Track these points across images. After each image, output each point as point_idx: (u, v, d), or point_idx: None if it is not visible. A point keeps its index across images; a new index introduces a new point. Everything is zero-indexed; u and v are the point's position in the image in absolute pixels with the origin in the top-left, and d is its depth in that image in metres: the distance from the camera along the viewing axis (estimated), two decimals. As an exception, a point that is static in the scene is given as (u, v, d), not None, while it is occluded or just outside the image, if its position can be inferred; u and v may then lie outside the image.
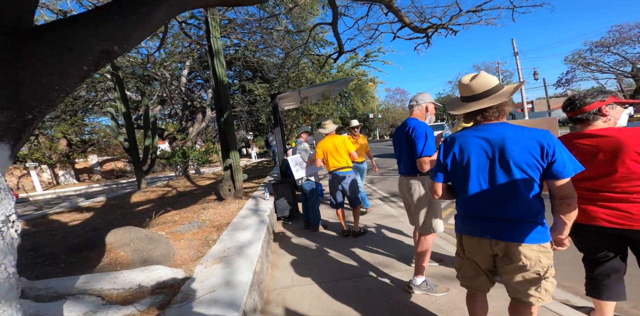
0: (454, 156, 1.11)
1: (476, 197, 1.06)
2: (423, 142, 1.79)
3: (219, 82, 4.17)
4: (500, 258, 1.06)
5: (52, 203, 11.02)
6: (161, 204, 4.72)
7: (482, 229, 1.06)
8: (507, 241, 1.00)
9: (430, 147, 1.79)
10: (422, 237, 1.98)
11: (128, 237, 1.91)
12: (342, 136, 3.20)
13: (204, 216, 3.39)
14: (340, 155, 3.08)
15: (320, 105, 11.83)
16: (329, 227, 3.71)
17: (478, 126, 1.08)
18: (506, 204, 1.00)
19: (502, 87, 1.04)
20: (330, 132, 3.24)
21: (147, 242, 1.93)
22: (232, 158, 4.06)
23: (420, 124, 1.89)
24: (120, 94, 6.61)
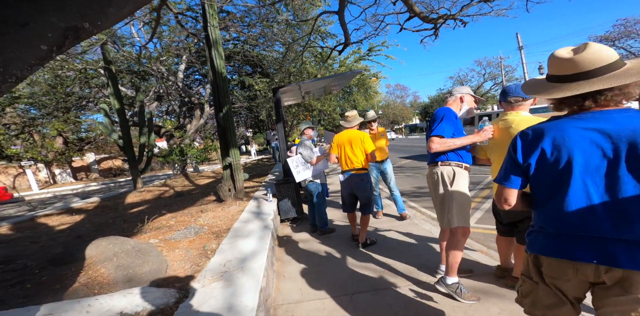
0: (542, 153, 0.82)
1: (580, 210, 0.77)
2: (437, 123, 1.74)
3: (217, 75, 3.85)
4: (608, 287, 0.78)
5: (47, 202, 10.74)
6: (157, 205, 4.45)
7: (587, 253, 0.78)
8: (630, 268, 0.72)
9: (444, 128, 1.72)
10: (453, 231, 1.78)
11: (112, 250, 1.63)
12: (363, 132, 2.87)
13: (202, 220, 3.11)
14: (355, 154, 2.76)
15: (322, 100, 11.49)
16: (338, 230, 3.45)
17: (584, 114, 0.78)
18: (635, 221, 0.71)
19: (623, 63, 0.75)
20: (353, 127, 2.90)
21: (134, 256, 1.65)
22: (232, 156, 3.76)
23: (442, 108, 1.83)
24: (113, 89, 6.29)
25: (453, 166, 1.77)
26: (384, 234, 3.14)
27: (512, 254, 1.95)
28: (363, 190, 2.76)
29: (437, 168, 1.81)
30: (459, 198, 1.74)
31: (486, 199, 4.26)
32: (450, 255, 1.77)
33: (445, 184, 1.76)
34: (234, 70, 11.83)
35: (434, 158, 1.83)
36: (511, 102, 1.59)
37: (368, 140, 2.77)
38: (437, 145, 1.68)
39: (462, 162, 1.78)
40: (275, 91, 4.66)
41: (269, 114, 11.16)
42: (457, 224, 1.73)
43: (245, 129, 20.45)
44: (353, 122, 2.92)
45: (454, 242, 1.76)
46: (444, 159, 1.78)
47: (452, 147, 1.69)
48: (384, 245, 2.85)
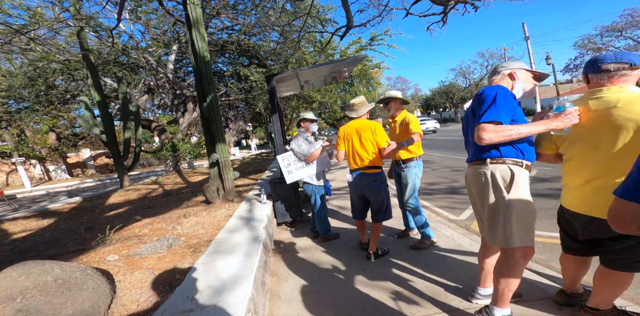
0: None
1: None
2: (488, 104, 1.23)
3: (199, 59, 3.30)
4: None
5: (37, 200, 10.33)
6: (138, 207, 3.97)
7: None
8: None
9: (500, 112, 1.20)
10: (510, 252, 1.28)
11: (21, 284, 1.14)
12: (374, 121, 2.33)
13: (182, 228, 2.63)
14: (365, 149, 2.23)
15: (323, 92, 10.88)
16: (344, 235, 2.97)
17: None
18: None
19: None
20: (361, 117, 2.37)
21: (54, 292, 1.17)
22: (220, 152, 3.26)
23: (492, 86, 1.31)
24: (93, 80, 5.73)
25: (509, 165, 1.25)
26: (397, 242, 2.66)
27: (582, 278, 1.47)
28: (376, 193, 2.26)
29: (485, 167, 1.29)
30: (520, 208, 1.23)
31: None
32: (503, 282, 1.29)
33: (499, 189, 1.25)
34: (229, 61, 11.19)
35: (481, 152, 1.31)
36: (609, 71, 1.05)
37: (381, 131, 2.23)
38: (492, 134, 1.16)
39: (522, 159, 1.27)
40: (270, 79, 4.11)
41: (267, 107, 10.59)
42: (519, 243, 1.23)
43: (245, 123, 19.88)
44: (361, 110, 2.38)
45: (509, 265, 1.27)
46: (497, 154, 1.26)
47: (513, 137, 1.16)
48: (399, 255, 2.37)
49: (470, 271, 2.00)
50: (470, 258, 2.18)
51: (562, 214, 1.35)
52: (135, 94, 9.49)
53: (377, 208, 2.31)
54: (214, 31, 9.28)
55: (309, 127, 2.84)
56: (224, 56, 10.64)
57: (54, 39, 8.44)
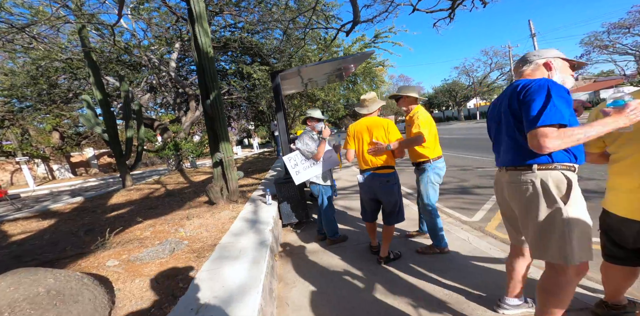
0: None
1: None
2: (543, 103, 1.00)
3: (202, 55, 3.18)
4: None
5: (40, 200, 10.34)
6: (140, 208, 3.88)
7: None
8: None
9: (560, 112, 0.98)
10: (562, 268, 1.10)
11: (10, 296, 1.03)
12: (386, 118, 2.20)
13: (185, 230, 2.52)
14: None
15: (326, 90, 10.72)
16: (352, 237, 2.86)
17: None
18: None
19: None
20: (372, 113, 2.24)
21: (46, 304, 1.06)
22: (223, 151, 3.14)
23: (539, 80, 1.09)
24: (94, 79, 5.65)
25: (562, 171, 1.07)
26: (410, 244, 2.54)
27: (627, 289, 1.33)
28: (389, 194, 2.13)
29: (531, 175, 1.10)
30: (580, 220, 1.06)
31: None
32: (551, 302, 1.12)
33: (553, 200, 1.06)
34: (232, 59, 11.07)
35: (524, 157, 1.11)
36: None
37: (394, 129, 2.10)
38: (557, 142, 0.95)
39: (574, 163, 1.09)
40: (275, 76, 3.99)
41: (270, 105, 10.46)
42: (579, 260, 1.06)
43: (247, 122, 19.80)
44: (372, 107, 2.25)
45: (560, 284, 1.10)
46: (547, 160, 1.08)
47: (580, 142, 0.97)
48: (412, 260, 2.25)
49: (492, 277, 1.88)
50: (491, 264, 2.05)
51: (606, 220, 1.21)
52: (138, 92, 9.41)
53: (389, 209, 2.19)
54: (217, 29, 9.17)
55: (315, 126, 2.72)
56: (227, 54, 10.52)
57: (57, 38, 8.39)
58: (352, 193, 4.66)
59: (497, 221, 3.04)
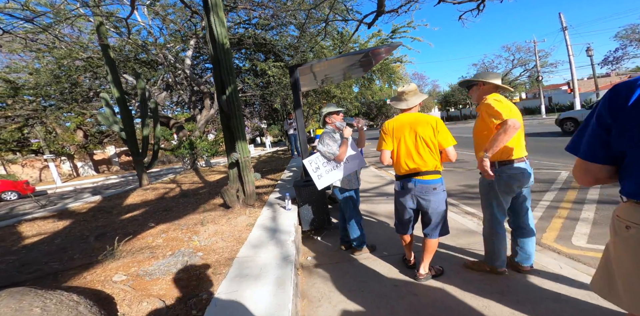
0: None
1: None
2: None
3: (218, 46, 2.95)
4: None
5: (65, 197, 10.71)
6: (155, 209, 3.74)
7: None
8: None
9: None
10: None
11: None
12: (434, 116, 1.85)
13: (198, 239, 2.30)
14: (423, 149, 1.77)
15: (342, 87, 10.36)
16: (379, 247, 2.56)
17: None
18: None
19: None
20: (412, 109, 1.91)
21: None
22: (240, 150, 2.91)
23: None
24: (112, 76, 5.61)
25: None
26: (453, 257, 2.19)
27: None
28: (435, 204, 1.80)
29: None
30: None
31: (579, 205, 3.15)
32: None
33: None
34: (246, 57, 10.95)
35: None
36: None
37: (444, 129, 1.76)
38: None
39: None
40: (293, 70, 3.72)
41: (284, 103, 10.23)
42: None
43: (260, 121, 19.78)
44: (412, 100, 1.90)
45: None
46: None
47: None
48: (459, 277, 1.91)
49: (570, 305, 1.50)
50: (567, 287, 1.66)
51: None
52: (155, 91, 9.47)
53: (434, 221, 1.86)
54: (231, 25, 9.04)
55: (336, 123, 2.40)
56: (240, 51, 10.40)
57: (80, 38, 8.55)
58: (375, 196, 4.32)
59: (554, 231, 2.62)
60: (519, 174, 1.68)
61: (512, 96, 38.35)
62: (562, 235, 2.54)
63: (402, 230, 2.04)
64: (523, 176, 1.69)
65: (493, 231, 1.82)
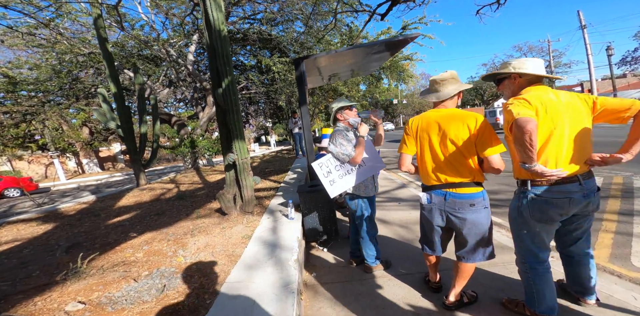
0: None
1: None
2: None
3: (214, 33, 2.60)
4: None
5: (67, 194, 10.57)
6: (147, 213, 3.43)
7: None
8: None
9: None
10: None
11: None
12: (475, 112, 1.45)
13: (184, 254, 1.95)
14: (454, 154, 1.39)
15: (349, 84, 9.95)
16: (395, 264, 2.20)
17: None
18: None
19: None
20: (444, 102, 1.50)
21: None
22: (237, 151, 2.56)
23: None
24: (109, 71, 5.34)
25: None
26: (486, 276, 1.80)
27: None
28: (473, 224, 1.41)
29: None
30: None
31: (627, 217, 2.71)
32: None
33: None
34: (251, 53, 10.65)
35: None
36: None
37: (487, 129, 1.33)
38: None
39: None
40: (299, 63, 3.37)
41: (289, 101, 9.89)
42: None
43: (265, 119, 19.52)
44: (445, 91, 1.48)
45: None
46: None
47: None
48: (500, 309, 1.53)
49: None
50: None
51: None
52: (157, 87, 9.23)
53: (471, 244, 1.47)
54: (236, 20, 8.74)
55: (348, 120, 2.02)
56: (245, 48, 10.09)
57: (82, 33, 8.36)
58: (385, 201, 3.93)
59: (605, 248, 2.20)
60: (560, 200, 1.20)
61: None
62: (617, 254, 2.13)
63: (430, 250, 1.66)
64: (569, 203, 1.20)
65: (527, 267, 1.38)
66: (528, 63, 1.29)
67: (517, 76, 1.31)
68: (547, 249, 1.34)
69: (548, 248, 1.35)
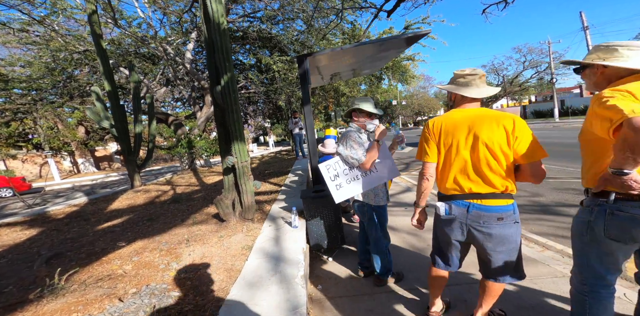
0: None
1: None
2: None
3: (212, 26, 2.42)
4: None
5: (60, 195, 10.30)
6: (139, 217, 3.23)
7: None
8: None
9: None
10: None
11: None
12: (509, 113, 1.22)
13: (178, 267, 1.77)
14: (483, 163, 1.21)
15: (351, 84, 9.79)
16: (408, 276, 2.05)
17: None
18: None
19: None
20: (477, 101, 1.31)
21: None
22: (237, 153, 2.38)
23: None
24: (104, 69, 5.13)
25: None
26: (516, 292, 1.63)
27: None
28: (501, 240, 1.24)
29: None
30: None
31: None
32: None
33: None
34: (251, 52, 10.47)
35: None
36: None
37: (525, 132, 1.15)
38: None
39: None
40: (302, 60, 3.20)
41: (289, 101, 9.70)
42: None
43: (264, 119, 19.31)
44: (485, 89, 1.29)
45: None
46: None
47: None
48: None
49: None
50: None
51: None
52: (154, 86, 9.02)
53: (501, 262, 1.30)
54: (235, 18, 8.55)
55: (365, 124, 1.84)
56: (245, 46, 9.90)
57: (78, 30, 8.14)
58: (393, 206, 3.76)
59: None
60: None
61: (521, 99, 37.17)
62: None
63: (443, 265, 1.47)
64: None
65: (587, 289, 1.16)
66: (618, 52, 1.03)
67: (603, 67, 1.06)
68: (617, 271, 1.14)
69: (620, 269, 1.13)
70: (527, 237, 2.58)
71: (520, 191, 3.99)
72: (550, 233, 2.63)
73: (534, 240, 2.51)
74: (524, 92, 33.04)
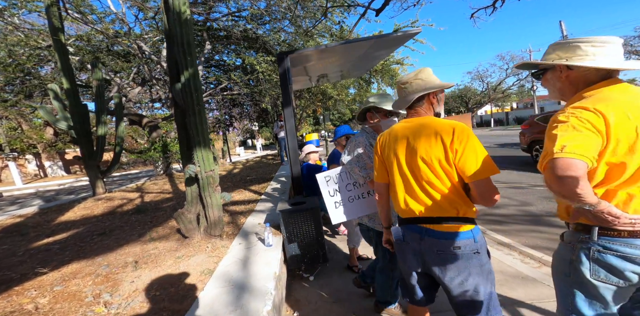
0: None
1: None
2: None
3: (172, 16, 2.09)
4: None
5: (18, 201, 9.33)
6: (89, 232, 2.78)
7: None
8: None
9: None
10: None
11: None
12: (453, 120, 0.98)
13: (112, 299, 1.40)
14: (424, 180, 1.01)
15: (339, 87, 9.63)
16: None
17: None
18: None
19: None
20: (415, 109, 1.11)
21: None
22: (200, 161, 2.02)
23: None
24: (62, 65, 4.62)
25: None
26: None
27: None
28: (459, 274, 1.00)
29: None
30: None
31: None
32: None
33: None
34: (235, 52, 10.10)
35: None
36: None
37: (468, 144, 0.92)
38: None
39: None
40: (282, 58, 2.95)
41: (274, 103, 9.39)
42: None
43: (250, 123, 18.80)
44: (411, 94, 1.08)
45: None
46: None
47: None
48: None
49: None
50: None
51: None
52: (128, 85, 8.42)
53: (461, 300, 1.03)
54: (219, 17, 8.21)
55: (380, 125, 1.47)
56: (229, 47, 9.54)
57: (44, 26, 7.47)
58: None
59: None
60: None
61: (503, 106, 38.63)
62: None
63: (408, 299, 1.22)
64: None
65: None
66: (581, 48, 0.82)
67: (566, 68, 0.86)
68: None
69: (615, 314, 0.89)
70: (521, 251, 2.40)
71: (509, 200, 3.87)
72: (544, 246, 2.47)
73: (529, 254, 2.33)
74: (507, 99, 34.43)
